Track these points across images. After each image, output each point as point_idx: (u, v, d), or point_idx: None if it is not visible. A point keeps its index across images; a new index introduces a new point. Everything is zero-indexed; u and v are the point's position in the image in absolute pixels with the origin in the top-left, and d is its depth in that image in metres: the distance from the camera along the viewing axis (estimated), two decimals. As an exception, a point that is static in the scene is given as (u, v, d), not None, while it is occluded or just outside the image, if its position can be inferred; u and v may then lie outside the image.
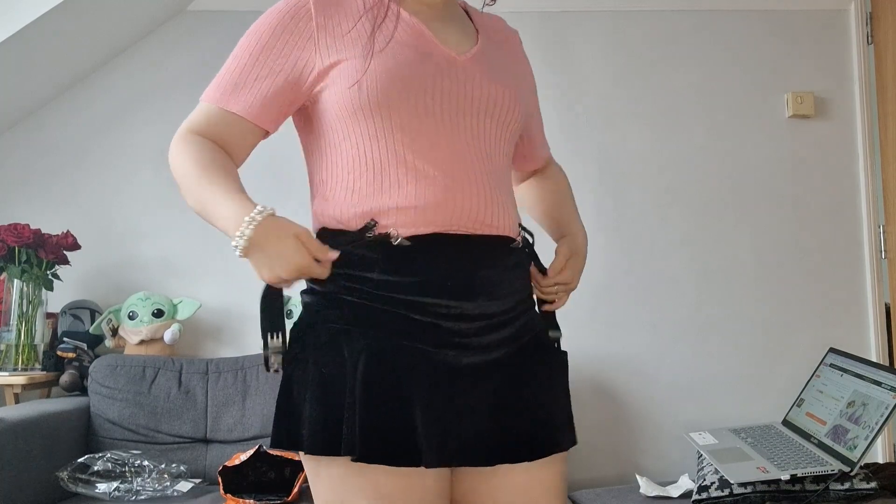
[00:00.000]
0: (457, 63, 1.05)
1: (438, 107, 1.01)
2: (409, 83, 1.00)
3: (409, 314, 0.99)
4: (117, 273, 2.67)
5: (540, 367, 1.09)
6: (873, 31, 2.81)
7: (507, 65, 1.13)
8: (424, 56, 1.02)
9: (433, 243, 1.00)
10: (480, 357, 1.03)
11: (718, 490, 2.00)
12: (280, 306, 1.05)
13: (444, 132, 1.01)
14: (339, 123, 1.03)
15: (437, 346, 1.00)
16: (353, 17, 1.03)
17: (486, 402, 1.02)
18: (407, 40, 1.03)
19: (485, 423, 1.02)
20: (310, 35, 1.02)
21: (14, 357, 2.37)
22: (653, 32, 2.81)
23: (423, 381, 0.98)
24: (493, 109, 1.05)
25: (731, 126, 2.79)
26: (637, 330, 2.71)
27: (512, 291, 1.07)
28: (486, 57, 1.08)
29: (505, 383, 1.04)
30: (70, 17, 2.35)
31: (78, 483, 2.07)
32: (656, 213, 2.75)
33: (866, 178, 2.78)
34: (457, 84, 1.03)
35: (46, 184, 2.70)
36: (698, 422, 2.58)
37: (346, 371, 0.97)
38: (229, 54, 1.10)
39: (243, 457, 2.06)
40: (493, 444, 1.02)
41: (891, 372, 2.02)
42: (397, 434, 0.96)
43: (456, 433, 0.99)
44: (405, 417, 0.96)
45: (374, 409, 0.95)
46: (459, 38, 1.09)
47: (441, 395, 0.99)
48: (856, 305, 2.74)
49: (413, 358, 0.98)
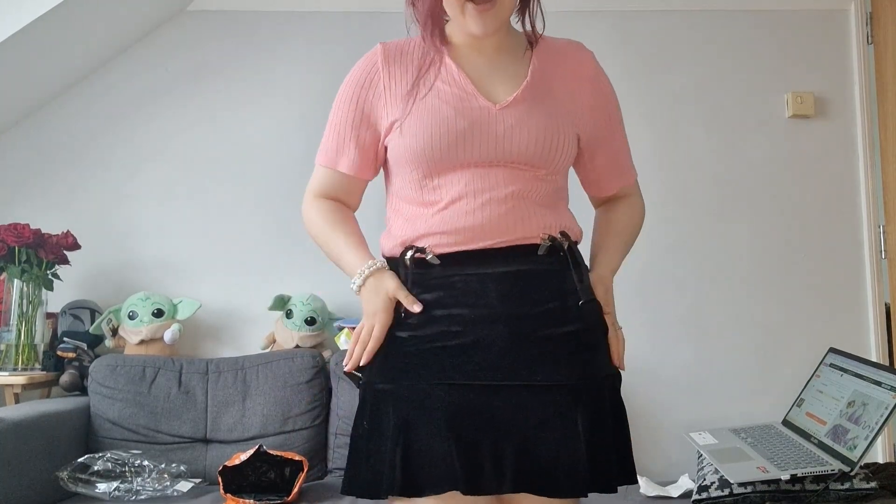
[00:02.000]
0: (491, 113, 1.13)
1: (469, 158, 1.12)
2: (441, 140, 1.11)
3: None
4: (117, 273, 2.67)
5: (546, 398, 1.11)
6: (873, 31, 2.81)
7: (554, 100, 1.18)
8: (459, 112, 1.12)
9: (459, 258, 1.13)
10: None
11: (718, 490, 2.00)
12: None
13: (476, 177, 1.12)
14: (393, 169, 1.21)
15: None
16: (412, 71, 1.17)
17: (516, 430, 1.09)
18: (447, 94, 1.14)
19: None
20: (380, 93, 1.18)
21: (14, 357, 2.37)
22: (653, 32, 2.81)
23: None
24: (524, 154, 1.13)
25: (731, 126, 2.79)
26: (637, 330, 2.70)
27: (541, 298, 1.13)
28: (525, 101, 1.15)
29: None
30: (70, 16, 2.35)
31: (78, 483, 2.07)
32: (656, 212, 2.73)
33: (866, 178, 2.77)
34: (488, 137, 1.12)
35: (46, 184, 2.69)
36: (698, 422, 2.58)
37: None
38: (229, 54, 1.14)
39: (243, 457, 2.06)
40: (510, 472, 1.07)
41: (891, 372, 2.02)
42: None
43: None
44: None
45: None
46: (504, 83, 1.16)
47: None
48: (856, 305, 2.74)
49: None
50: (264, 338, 2.59)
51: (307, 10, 2.76)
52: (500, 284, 1.10)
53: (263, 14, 2.76)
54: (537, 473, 1.06)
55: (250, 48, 2.75)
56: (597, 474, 1.08)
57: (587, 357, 1.13)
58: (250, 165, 2.71)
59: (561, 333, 1.11)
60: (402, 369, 1.10)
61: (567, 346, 1.11)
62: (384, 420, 1.08)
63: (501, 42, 1.20)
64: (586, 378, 1.12)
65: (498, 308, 1.09)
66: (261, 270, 2.67)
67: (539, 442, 1.06)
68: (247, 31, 2.75)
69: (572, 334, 1.12)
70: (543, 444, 1.07)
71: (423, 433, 1.05)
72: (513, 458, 1.06)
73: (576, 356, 1.12)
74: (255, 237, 2.68)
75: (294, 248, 2.66)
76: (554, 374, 1.09)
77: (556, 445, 1.07)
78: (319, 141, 1.26)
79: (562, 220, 1.18)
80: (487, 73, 1.17)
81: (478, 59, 1.18)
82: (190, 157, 2.72)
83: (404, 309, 1.12)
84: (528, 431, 1.07)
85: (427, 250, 1.12)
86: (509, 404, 1.07)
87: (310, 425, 2.34)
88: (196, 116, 2.73)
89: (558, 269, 1.14)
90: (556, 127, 1.15)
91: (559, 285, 1.14)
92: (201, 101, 2.73)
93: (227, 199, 2.70)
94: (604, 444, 1.11)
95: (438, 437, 1.04)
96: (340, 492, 1.12)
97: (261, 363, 2.41)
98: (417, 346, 1.10)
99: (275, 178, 2.68)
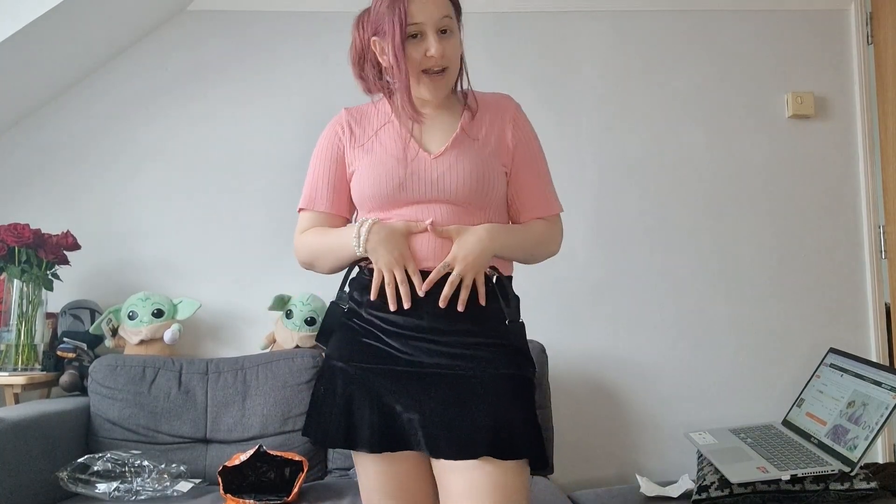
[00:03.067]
0: (427, 161, 1.39)
1: (411, 197, 1.38)
2: (387, 185, 1.38)
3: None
4: (117, 273, 2.67)
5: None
6: (873, 31, 2.81)
7: (482, 145, 1.43)
8: (400, 162, 1.39)
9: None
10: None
11: (718, 490, 2.00)
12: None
13: (415, 213, 1.38)
14: (357, 205, 1.47)
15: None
16: (368, 131, 1.46)
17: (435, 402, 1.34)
18: (392, 148, 1.42)
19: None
20: (345, 146, 1.46)
21: (14, 357, 2.37)
22: (653, 32, 2.81)
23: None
24: (458, 192, 1.38)
25: (731, 126, 2.79)
26: (637, 330, 2.71)
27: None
28: (455, 149, 1.41)
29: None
30: (70, 16, 2.35)
31: (78, 483, 2.07)
32: (656, 212, 2.75)
33: (866, 178, 2.78)
34: (425, 181, 1.38)
35: (46, 184, 2.70)
36: (698, 422, 2.58)
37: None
38: (229, 54, 1.16)
39: (243, 457, 2.06)
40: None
41: (891, 372, 2.02)
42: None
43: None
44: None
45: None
46: (439, 136, 1.43)
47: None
48: (856, 305, 2.74)
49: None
50: (264, 338, 2.59)
51: (307, 10, 2.76)
52: (432, 305, 1.33)
53: (263, 14, 2.76)
54: (446, 440, 1.30)
55: (250, 48, 2.75)
56: (497, 442, 1.29)
57: (504, 358, 1.36)
58: (250, 165, 2.71)
59: (481, 342, 1.35)
60: (352, 353, 1.39)
61: (487, 350, 1.35)
62: (336, 389, 1.38)
63: (443, 102, 1.45)
64: (498, 371, 1.35)
65: (426, 321, 1.34)
66: (261, 270, 2.67)
67: (452, 416, 1.31)
68: (247, 31, 2.75)
69: (493, 344, 1.36)
70: (456, 418, 1.30)
71: (361, 405, 1.35)
72: (430, 428, 1.31)
73: (491, 357, 1.35)
74: (255, 237, 2.68)
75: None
76: (470, 368, 1.33)
77: (466, 418, 1.30)
78: (319, 141, 1.29)
79: (494, 258, 1.39)
80: (427, 128, 1.44)
81: (423, 116, 1.43)
82: (190, 157, 2.72)
83: (366, 298, 1.39)
84: (445, 409, 1.31)
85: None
86: (431, 387, 1.33)
87: (310, 425, 2.34)
88: (196, 116, 2.73)
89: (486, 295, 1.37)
90: (483, 167, 1.39)
91: (484, 309, 1.36)
92: (201, 101, 2.73)
93: (227, 199, 2.70)
94: (510, 423, 1.31)
95: (370, 409, 1.34)
96: (301, 434, 1.46)
97: (261, 363, 2.41)
98: (366, 337, 1.38)
99: (275, 177, 2.68)
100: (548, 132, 1.64)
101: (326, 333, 1.46)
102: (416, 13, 1.34)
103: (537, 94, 2.70)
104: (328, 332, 1.46)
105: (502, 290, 1.41)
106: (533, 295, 1.74)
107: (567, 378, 2.63)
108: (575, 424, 2.59)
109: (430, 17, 1.35)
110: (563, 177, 1.72)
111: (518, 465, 1.30)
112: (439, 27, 1.36)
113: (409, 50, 1.36)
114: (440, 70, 1.38)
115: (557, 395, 2.47)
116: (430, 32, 1.35)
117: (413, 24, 1.34)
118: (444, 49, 1.36)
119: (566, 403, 2.57)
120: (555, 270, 2.31)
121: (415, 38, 1.36)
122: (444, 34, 1.37)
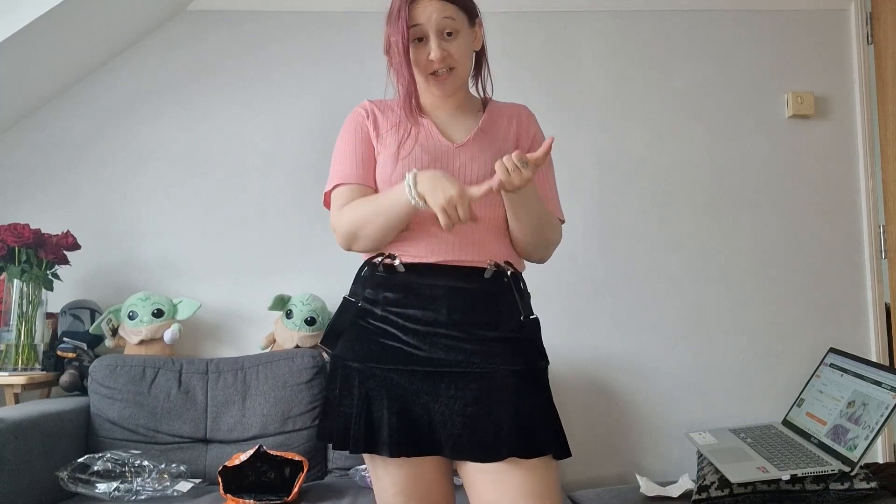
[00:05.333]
0: (450, 150, 1.42)
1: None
2: (408, 169, 1.35)
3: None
4: (117, 273, 2.67)
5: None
6: (873, 31, 2.81)
7: (499, 143, 1.45)
8: (424, 149, 1.41)
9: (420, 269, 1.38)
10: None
11: (718, 490, 2.00)
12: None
13: None
14: (379, 189, 1.43)
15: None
16: (392, 119, 1.46)
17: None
18: (415, 137, 1.43)
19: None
20: (369, 129, 1.46)
21: (14, 357, 2.37)
22: (653, 32, 2.81)
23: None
24: (475, 181, 1.37)
25: (731, 126, 2.79)
26: (637, 330, 2.71)
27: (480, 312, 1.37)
28: (477, 142, 1.44)
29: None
30: (70, 16, 2.35)
31: (78, 483, 2.07)
32: (656, 212, 2.75)
33: (866, 178, 2.78)
34: (448, 169, 1.39)
35: (46, 184, 2.70)
36: (698, 422, 2.58)
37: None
38: (229, 54, 1.15)
39: (243, 457, 2.06)
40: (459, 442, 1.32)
41: (891, 372, 2.02)
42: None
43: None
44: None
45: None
46: (460, 130, 1.46)
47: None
48: (856, 305, 2.74)
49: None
50: (264, 338, 2.59)
51: (307, 10, 2.76)
52: (450, 298, 1.35)
53: (263, 14, 2.76)
54: (469, 441, 1.30)
55: (250, 48, 2.75)
56: (521, 442, 1.29)
57: (519, 355, 1.36)
58: (250, 165, 2.71)
59: (496, 337, 1.35)
60: (368, 353, 1.37)
61: (501, 345, 1.35)
62: (353, 390, 1.36)
63: (460, 103, 1.49)
64: (513, 367, 1.35)
65: (445, 314, 1.34)
66: (261, 270, 2.67)
67: (472, 416, 1.31)
68: (247, 31, 2.75)
69: (507, 339, 1.36)
70: (477, 418, 1.30)
71: (380, 406, 1.34)
72: (450, 429, 1.31)
73: (507, 353, 1.35)
74: (255, 237, 2.69)
75: (294, 248, 2.66)
76: (486, 365, 1.33)
77: (487, 418, 1.30)
78: (319, 140, 1.30)
79: (509, 252, 1.42)
80: (448, 123, 1.47)
81: (441, 114, 1.48)
82: (190, 157, 2.72)
83: (383, 296, 1.38)
84: (465, 408, 1.31)
85: (396, 257, 1.38)
86: (450, 386, 1.32)
87: (310, 425, 2.33)
88: (196, 116, 2.73)
89: (499, 290, 1.38)
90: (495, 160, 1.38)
91: (500, 303, 1.38)
92: (201, 101, 2.73)
93: (228, 199, 2.70)
94: (530, 418, 1.32)
95: (388, 410, 1.33)
96: (316, 438, 1.42)
97: (261, 363, 2.41)
98: (382, 336, 1.37)
99: (275, 177, 2.68)
100: (548, 132, 1.64)
101: (335, 334, 1.43)
102: (417, 15, 1.37)
103: (538, 94, 2.70)
104: (337, 333, 1.43)
105: (517, 285, 1.42)
106: (533, 295, 1.73)
107: (567, 378, 2.63)
108: (575, 424, 2.59)
109: (431, 19, 1.37)
110: (564, 177, 1.72)
111: (543, 461, 1.31)
112: (442, 28, 1.38)
113: (414, 54, 1.40)
114: (447, 70, 1.41)
115: (557, 395, 2.43)
116: (431, 35, 1.38)
117: (415, 27, 1.37)
118: (448, 50, 1.39)
119: (566, 403, 2.58)
120: (555, 270, 2.31)
121: (420, 41, 1.39)
122: (449, 35, 1.39)
